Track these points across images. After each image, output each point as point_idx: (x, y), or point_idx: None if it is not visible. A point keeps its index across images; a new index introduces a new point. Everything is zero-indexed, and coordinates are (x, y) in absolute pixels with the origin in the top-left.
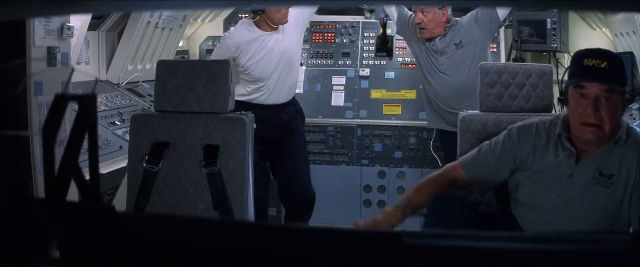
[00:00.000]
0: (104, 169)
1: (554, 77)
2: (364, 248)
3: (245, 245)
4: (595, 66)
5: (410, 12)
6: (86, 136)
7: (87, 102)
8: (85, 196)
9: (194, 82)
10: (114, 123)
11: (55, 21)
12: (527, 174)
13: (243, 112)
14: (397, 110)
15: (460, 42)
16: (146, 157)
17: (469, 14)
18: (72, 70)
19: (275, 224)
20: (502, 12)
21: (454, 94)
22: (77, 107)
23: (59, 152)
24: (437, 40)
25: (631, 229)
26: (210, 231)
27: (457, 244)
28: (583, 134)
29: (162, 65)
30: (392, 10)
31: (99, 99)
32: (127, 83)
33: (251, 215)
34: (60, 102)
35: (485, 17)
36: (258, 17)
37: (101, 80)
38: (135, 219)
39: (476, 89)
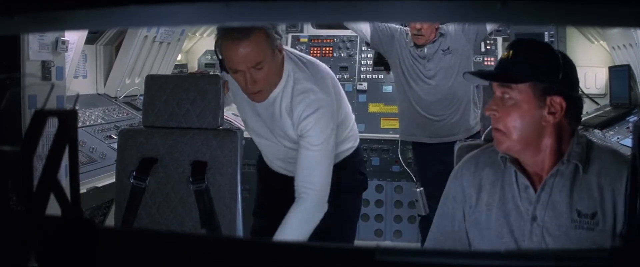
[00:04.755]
0: (100, 182)
1: None
2: (338, 263)
3: (223, 260)
4: (502, 58)
5: None
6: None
7: (67, 117)
8: (65, 210)
9: (183, 97)
10: (110, 137)
11: (50, 35)
12: (476, 218)
13: (232, 127)
14: (395, 124)
15: (448, 48)
16: (134, 173)
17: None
18: (53, 86)
19: (247, 239)
20: (489, 25)
21: (437, 100)
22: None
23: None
24: (424, 47)
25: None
26: (193, 247)
27: (432, 261)
28: (494, 144)
29: (151, 79)
30: (366, 27)
31: (96, 113)
32: (124, 97)
33: (239, 232)
34: (39, 117)
35: (472, 28)
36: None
37: (99, 94)
38: (116, 233)
39: (460, 96)
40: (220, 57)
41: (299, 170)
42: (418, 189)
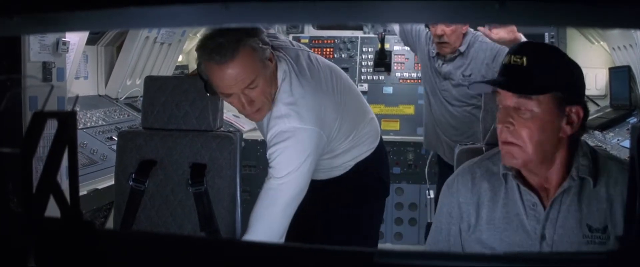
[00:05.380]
0: (101, 184)
1: None
2: (336, 266)
3: (222, 263)
4: (511, 64)
5: None
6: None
7: (66, 119)
8: (65, 212)
9: (182, 98)
10: (111, 138)
11: (51, 36)
12: (477, 238)
13: (233, 129)
14: (396, 125)
15: (470, 75)
16: (133, 176)
17: (489, 47)
18: (52, 87)
19: (245, 242)
20: None
21: (451, 125)
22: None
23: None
24: (442, 63)
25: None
26: (192, 249)
27: (430, 264)
28: (503, 159)
29: (150, 81)
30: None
31: (97, 114)
32: (126, 98)
33: (239, 235)
34: (38, 118)
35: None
36: None
37: (100, 95)
38: (115, 236)
39: (478, 123)
40: (205, 79)
41: (257, 200)
42: (429, 196)
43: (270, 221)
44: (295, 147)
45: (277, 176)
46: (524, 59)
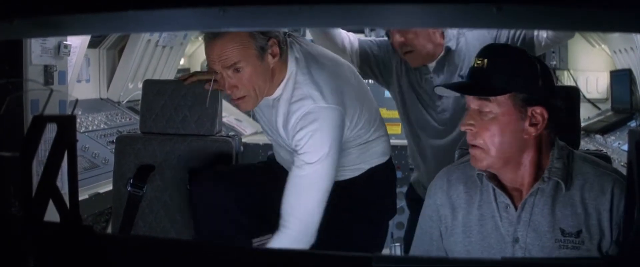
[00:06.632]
0: (102, 188)
1: None
2: None
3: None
4: (475, 67)
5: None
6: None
7: (65, 123)
8: (64, 216)
9: (180, 103)
10: (113, 142)
11: (52, 39)
12: (454, 241)
13: (235, 133)
14: (397, 129)
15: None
16: (131, 181)
17: (483, 33)
18: (51, 91)
19: (244, 247)
20: (542, 41)
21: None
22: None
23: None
24: (431, 72)
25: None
26: (191, 254)
27: None
28: (471, 161)
29: (148, 84)
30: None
31: (99, 118)
32: (128, 101)
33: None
34: (38, 122)
35: (512, 41)
36: None
37: (102, 99)
38: (114, 240)
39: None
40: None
41: (286, 192)
42: (396, 244)
43: (306, 211)
44: (325, 128)
45: (310, 161)
46: (485, 61)
